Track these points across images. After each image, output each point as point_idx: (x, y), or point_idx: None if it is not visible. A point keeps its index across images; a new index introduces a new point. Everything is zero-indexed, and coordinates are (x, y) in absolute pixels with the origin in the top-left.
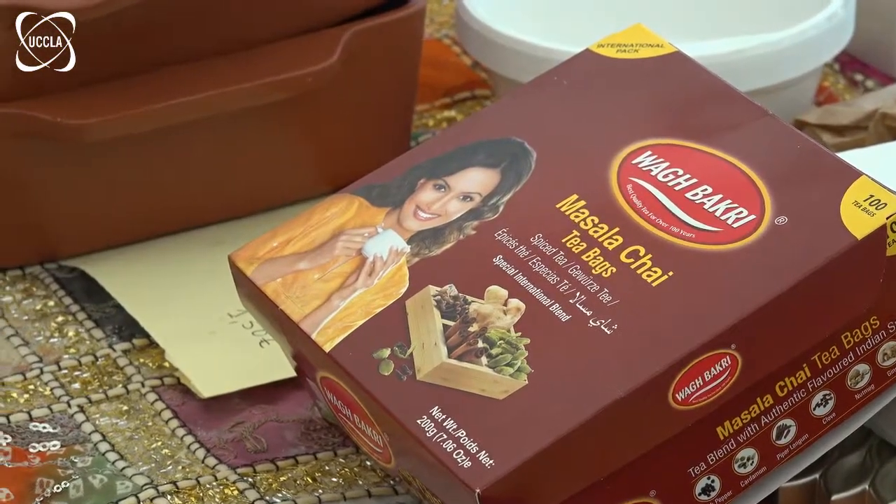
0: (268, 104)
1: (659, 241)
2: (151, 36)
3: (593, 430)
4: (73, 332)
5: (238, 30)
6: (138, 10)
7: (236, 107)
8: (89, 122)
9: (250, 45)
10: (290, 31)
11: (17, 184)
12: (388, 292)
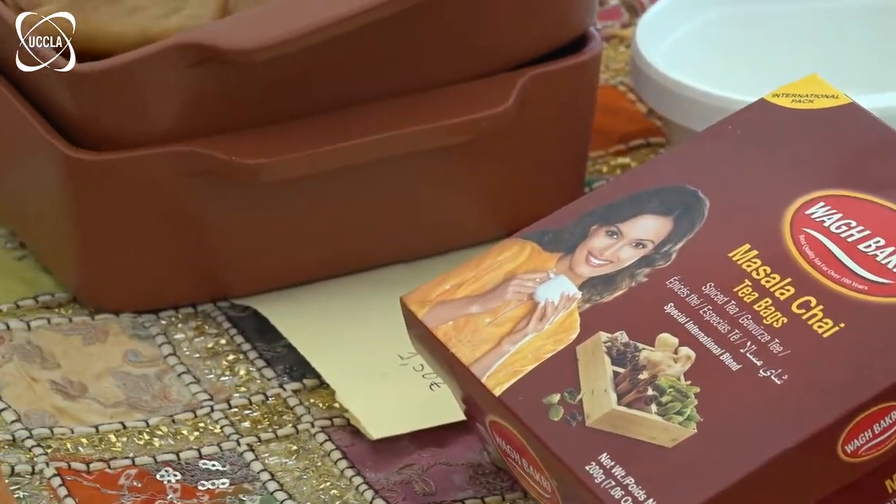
0: (442, 147)
1: (831, 293)
2: (327, 77)
3: (761, 480)
4: (245, 370)
5: (414, 72)
6: (314, 51)
7: (410, 149)
8: (264, 162)
9: (426, 88)
10: (466, 74)
11: (191, 222)
12: (559, 338)
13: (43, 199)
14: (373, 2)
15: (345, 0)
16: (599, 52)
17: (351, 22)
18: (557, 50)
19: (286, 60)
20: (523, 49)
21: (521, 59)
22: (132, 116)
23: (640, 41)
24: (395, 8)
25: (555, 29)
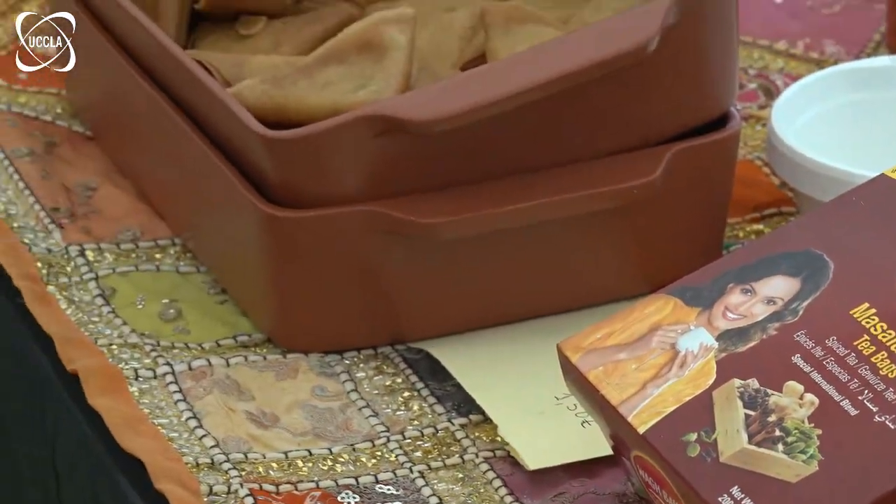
0: (598, 211)
1: None
2: (495, 146)
3: None
4: (418, 406)
5: (574, 144)
6: (484, 123)
7: (570, 213)
8: (440, 222)
9: (584, 158)
10: (621, 147)
11: (374, 274)
12: (697, 383)
13: (242, 251)
14: (540, 81)
15: (513, 79)
16: (738, 130)
17: (519, 99)
18: (702, 127)
19: (459, 131)
20: (672, 125)
21: (669, 135)
22: (323, 179)
23: (775, 121)
24: (562, 86)
25: (700, 109)
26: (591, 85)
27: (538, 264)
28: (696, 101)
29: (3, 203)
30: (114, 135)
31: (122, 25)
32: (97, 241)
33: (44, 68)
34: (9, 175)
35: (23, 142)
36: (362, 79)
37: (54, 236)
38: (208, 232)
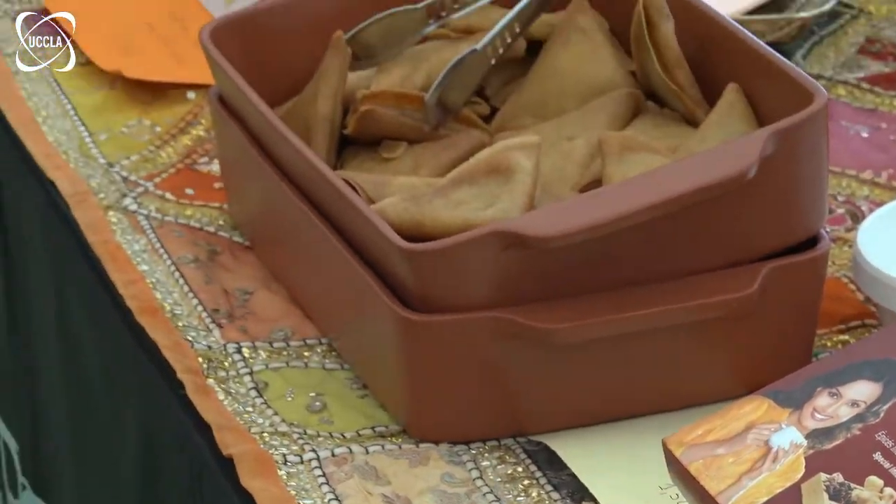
0: (698, 321)
1: None
2: (608, 259)
3: None
4: (536, 493)
5: (678, 261)
6: (600, 240)
7: (673, 322)
8: (559, 328)
9: (687, 273)
10: (720, 264)
11: (499, 373)
12: (788, 476)
13: (380, 350)
14: (649, 204)
15: (625, 201)
16: (828, 250)
17: (630, 219)
18: (794, 246)
19: (576, 246)
20: (768, 245)
21: (765, 253)
22: (455, 287)
23: (860, 243)
24: (669, 209)
25: (794, 230)
26: (696, 207)
27: (646, 367)
28: (790, 224)
29: (169, 304)
30: (269, 245)
31: (278, 148)
32: (252, 339)
33: (208, 189)
34: (175, 279)
35: (188, 250)
36: (491, 198)
37: (214, 335)
38: (351, 333)
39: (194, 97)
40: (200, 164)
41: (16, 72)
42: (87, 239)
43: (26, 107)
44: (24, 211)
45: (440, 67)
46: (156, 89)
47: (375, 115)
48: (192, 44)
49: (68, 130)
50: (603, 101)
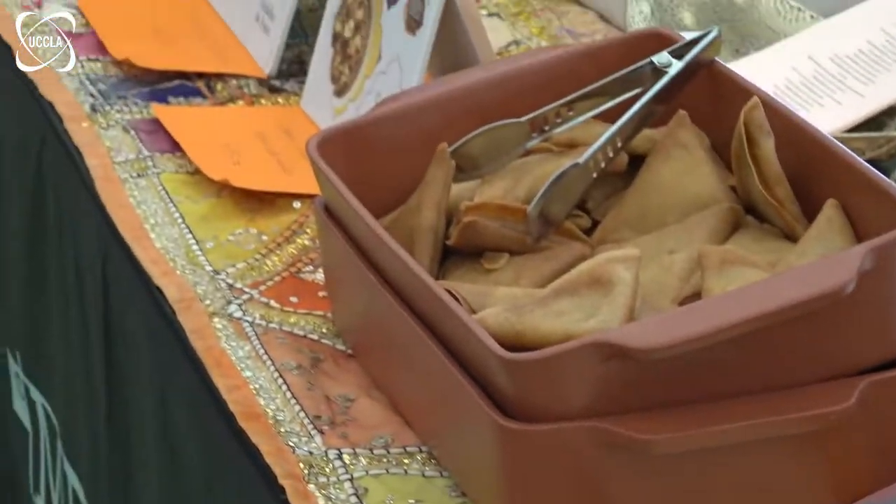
0: (796, 433)
1: None
2: (706, 371)
3: None
4: None
5: (776, 373)
6: (697, 354)
7: (771, 435)
8: (655, 438)
9: (784, 386)
10: (818, 377)
11: (596, 480)
12: None
13: (479, 457)
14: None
15: (724, 315)
16: None
17: (728, 332)
18: (892, 361)
19: (675, 358)
20: (865, 359)
21: (862, 367)
22: (554, 396)
23: None
24: (767, 322)
25: (892, 345)
26: (794, 321)
27: (741, 477)
28: (888, 338)
29: (272, 410)
30: (371, 353)
31: (382, 257)
32: (353, 446)
33: (313, 297)
34: (278, 385)
35: (292, 357)
36: (591, 310)
37: (316, 441)
38: (450, 440)
39: (300, 206)
40: (305, 272)
41: (125, 179)
42: (193, 344)
43: (135, 214)
44: (130, 314)
45: (543, 180)
46: (263, 198)
47: (478, 227)
48: (299, 154)
49: (176, 238)
50: (703, 215)
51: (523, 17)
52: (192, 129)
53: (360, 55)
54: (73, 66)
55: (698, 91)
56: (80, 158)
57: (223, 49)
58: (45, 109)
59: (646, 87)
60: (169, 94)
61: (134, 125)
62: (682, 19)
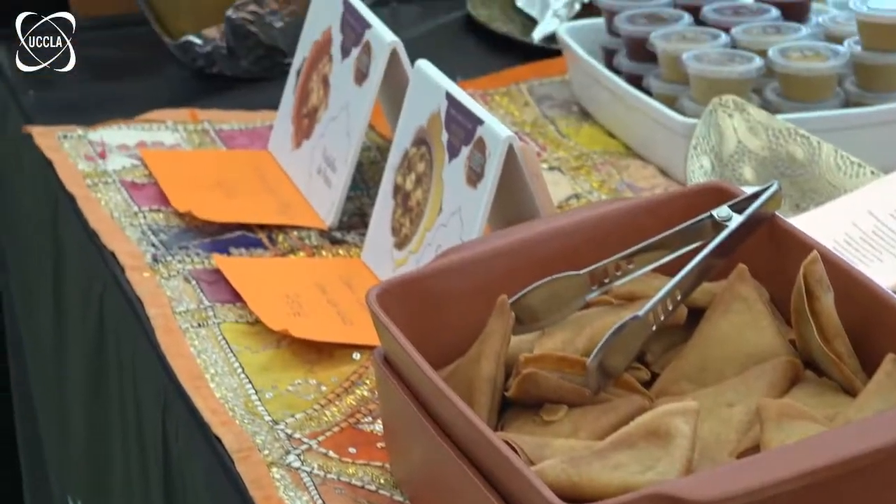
0: None
1: None
2: None
3: None
4: None
5: None
6: None
7: None
8: None
9: None
10: None
11: None
12: None
13: None
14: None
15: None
16: None
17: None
18: None
19: None
20: None
21: None
22: None
23: None
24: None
25: None
26: (853, 474)
27: None
28: None
29: None
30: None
31: (441, 408)
32: None
33: (371, 448)
34: None
35: None
36: (650, 462)
37: None
38: None
39: (360, 358)
40: (364, 423)
41: (185, 329)
42: (251, 494)
43: (195, 363)
44: (189, 463)
45: (602, 332)
46: (322, 349)
47: (537, 379)
48: (359, 305)
49: (235, 388)
50: (762, 368)
51: (584, 170)
52: (253, 279)
53: (420, 207)
54: (72, 66)
55: (758, 245)
56: (140, 307)
57: (285, 201)
58: (108, 259)
59: (706, 240)
60: (230, 244)
61: (195, 275)
62: (742, 174)
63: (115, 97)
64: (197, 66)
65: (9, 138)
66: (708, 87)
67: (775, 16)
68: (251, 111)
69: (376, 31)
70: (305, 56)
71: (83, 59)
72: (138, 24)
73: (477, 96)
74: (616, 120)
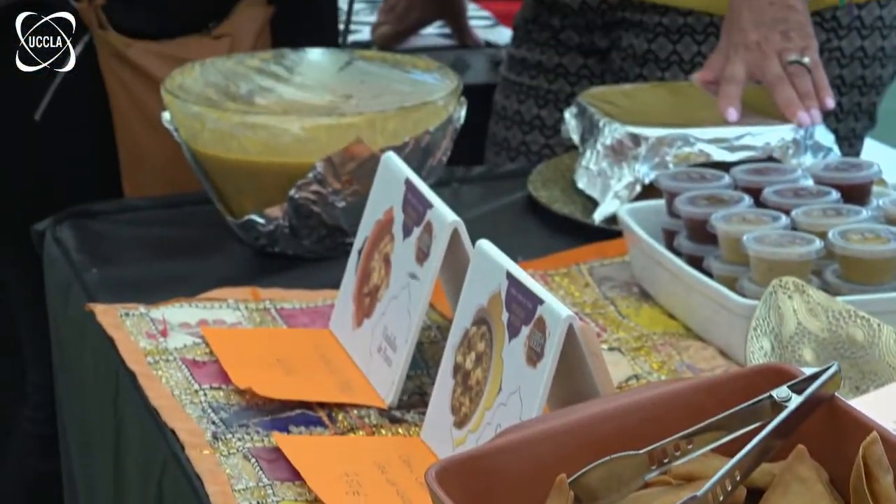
0: None
1: None
2: None
3: None
4: None
5: None
6: None
7: None
8: None
9: None
10: None
11: None
12: None
13: None
14: None
15: None
16: None
17: None
18: None
19: None
20: None
21: None
22: None
23: None
24: None
25: None
26: None
27: None
28: None
29: None
30: None
31: None
32: None
33: None
34: None
35: None
36: None
37: None
38: None
39: None
40: None
41: None
42: None
43: None
44: None
45: None
46: None
47: None
48: (418, 485)
49: None
50: None
51: (644, 351)
52: (313, 458)
53: (480, 387)
54: (71, 66)
55: (817, 425)
56: (200, 485)
57: (345, 379)
58: (168, 436)
59: (765, 420)
60: (290, 423)
61: (255, 453)
62: (802, 355)
63: (176, 275)
64: (259, 244)
65: (72, 316)
66: (768, 269)
67: (835, 198)
68: (312, 290)
69: (438, 211)
70: (367, 235)
71: (145, 238)
72: (200, 203)
73: (537, 276)
74: (676, 301)
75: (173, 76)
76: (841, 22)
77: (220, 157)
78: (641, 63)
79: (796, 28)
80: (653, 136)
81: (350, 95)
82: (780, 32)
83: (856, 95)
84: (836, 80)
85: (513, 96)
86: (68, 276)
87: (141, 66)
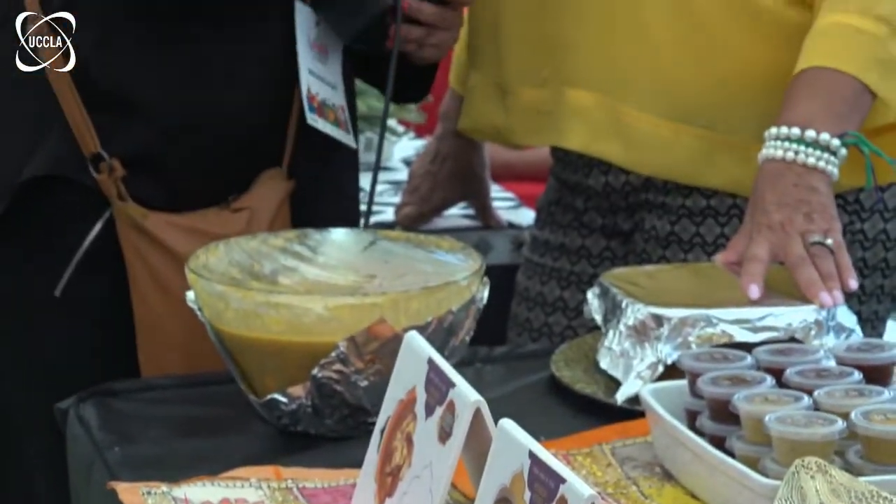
0: None
1: None
2: None
3: None
4: None
5: None
6: None
7: None
8: None
9: None
10: None
11: None
12: None
13: None
14: None
15: None
16: None
17: None
18: None
19: None
20: None
21: None
22: None
23: None
24: None
25: None
26: None
27: None
28: None
29: None
30: None
31: None
32: None
33: None
34: None
35: None
36: None
37: None
38: None
39: None
40: None
41: None
42: None
43: None
44: None
45: None
46: None
47: None
48: None
49: None
50: None
51: None
52: None
53: None
54: (71, 66)
55: None
56: None
57: None
58: None
59: None
60: None
61: None
62: None
63: (199, 454)
64: (282, 423)
65: (94, 494)
66: (790, 449)
67: (858, 379)
68: (335, 469)
69: (460, 390)
70: (390, 415)
71: (167, 416)
72: (222, 382)
73: (560, 456)
74: (699, 481)
75: (198, 255)
76: (864, 205)
77: (243, 335)
78: (664, 245)
79: (819, 210)
80: (675, 316)
81: (373, 275)
82: (804, 214)
83: (879, 278)
84: (859, 263)
85: (535, 277)
86: (91, 454)
87: (159, 238)
